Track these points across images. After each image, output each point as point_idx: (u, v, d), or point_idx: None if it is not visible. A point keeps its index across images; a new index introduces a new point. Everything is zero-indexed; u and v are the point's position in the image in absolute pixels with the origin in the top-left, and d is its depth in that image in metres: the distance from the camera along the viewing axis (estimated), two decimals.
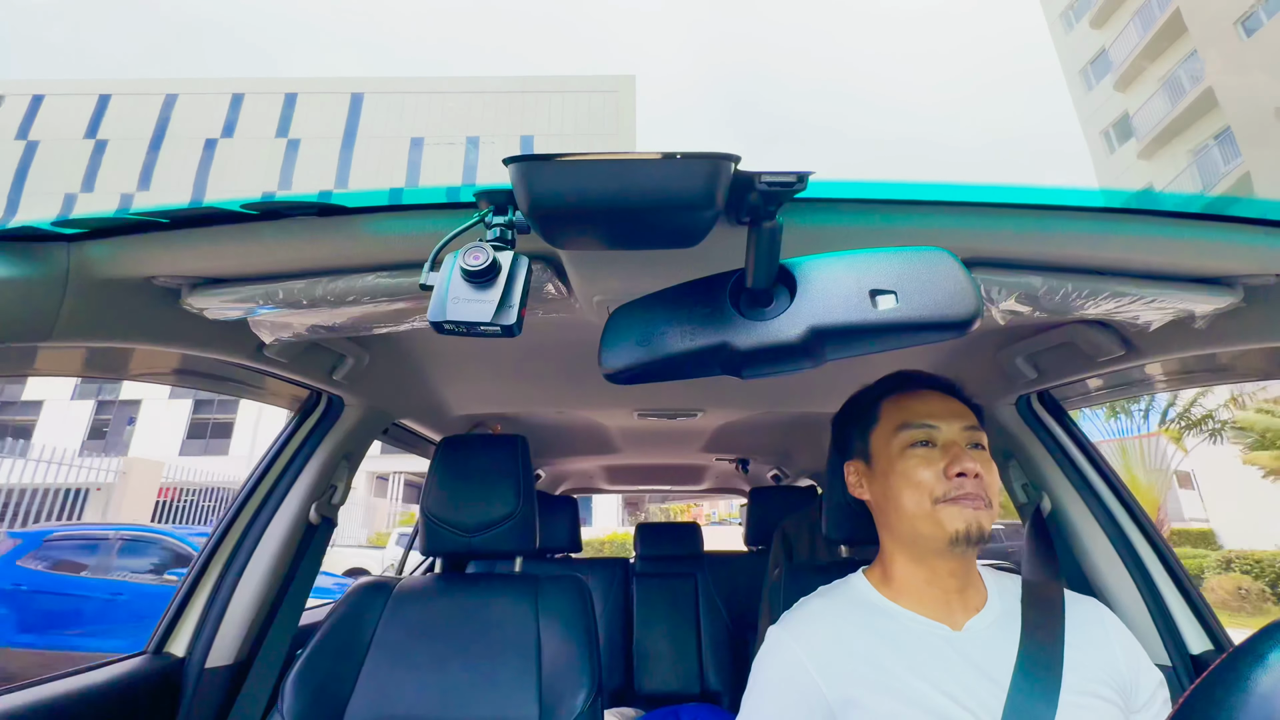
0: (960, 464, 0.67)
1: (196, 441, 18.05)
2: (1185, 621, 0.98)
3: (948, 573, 0.69)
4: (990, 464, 0.69)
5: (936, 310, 0.44)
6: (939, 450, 0.70)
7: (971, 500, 0.66)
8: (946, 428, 0.71)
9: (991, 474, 0.69)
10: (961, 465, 0.67)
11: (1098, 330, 0.85)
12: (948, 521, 0.66)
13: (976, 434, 0.71)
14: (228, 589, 1.06)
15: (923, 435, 0.71)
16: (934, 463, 0.69)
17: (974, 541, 0.65)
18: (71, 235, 0.58)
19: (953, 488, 0.67)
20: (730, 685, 2.03)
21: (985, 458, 0.70)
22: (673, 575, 2.27)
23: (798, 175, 0.40)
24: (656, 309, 0.51)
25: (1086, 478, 1.10)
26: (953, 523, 0.65)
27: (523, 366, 1.28)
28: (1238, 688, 0.25)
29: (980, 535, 0.65)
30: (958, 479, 0.67)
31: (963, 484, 0.66)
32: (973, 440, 0.71)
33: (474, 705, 0.90)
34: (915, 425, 0.72)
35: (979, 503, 0.66)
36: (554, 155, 0.39)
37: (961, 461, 0.67)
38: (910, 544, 0.71)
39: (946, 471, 0.67)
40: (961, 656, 0.64)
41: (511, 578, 1.06)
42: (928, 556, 0.69)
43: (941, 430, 0.71)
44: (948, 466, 0.67)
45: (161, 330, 0.73)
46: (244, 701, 1.05)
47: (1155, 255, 0.62)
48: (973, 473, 0.66)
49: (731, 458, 2.68)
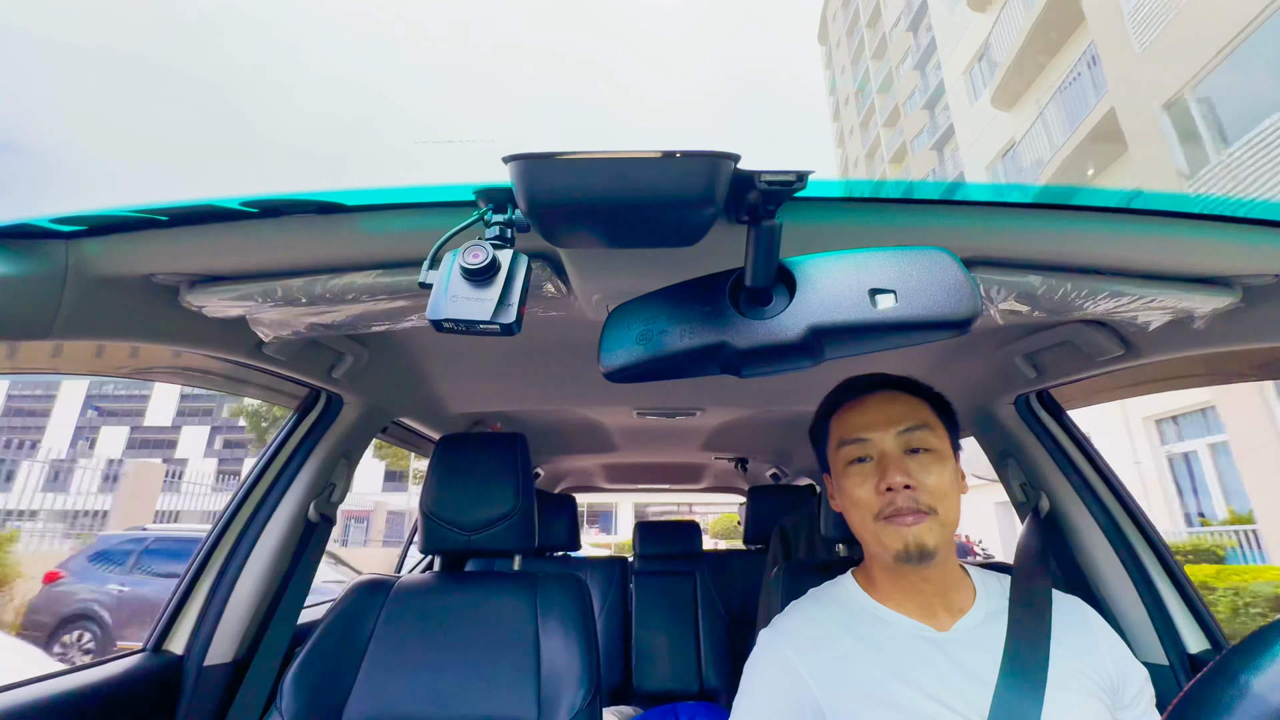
0: (887, 478, 0.67)
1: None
2: (1183, 621, 0.98)
3: (920, 579, 0.69)
4: (932, 464, 0.68)
5: (936, 309, 0.44)
6: (873, 464, 0.70)
7: (904, 517, 0.65)
8: (879, 438, 0.70)
9: (931, 475, 0.67)
10: (889, 479, 0.66)
11: (1097, 330, 0.85)
12: (888, 541, 0.66)
13: (914, 436, 0.70)
14: (226, 587, 1.06)
15: (858, 451, 0.71)
16: (868, 478, 0.69)
17: (919, 558, 0.65)
18: (70, 232, 0.58)
19: (885, 504, 0.67)
20: (728, 684, 2.03)
21: (925, 460, 0.68)
22: (671, 574, 2.27)
23: (797, 174, 0.40)
24: (656, 307, 0.51)
25: (1085, 477, 1.10)
26: (892, 543, 0.66)
27: (522, 365, 1.28)
28: (1234, 687, 0.25)
29: (921, 550, 0.65)
30: (887, 494, 0.67)
31: (893, 499, 0.66)
32: (908, 445, 0.69)
33: (472, 703, 0.90)
34: (850, 441, 0.72)
35: (913, 516, 0.65)
36: (553, 153, 0.39)
37: (890, 473, 0.67)
38: (874, 556, 0.72)
39: (878, 487, 0.67)
40: (948, 658, 0.65)
41: (510, 576, 1.06)
42: (894, 566, 0.69)
43: (874, 442, 0.70)
44: (879, 483, 0.68)
45: (160, 328, 0.73)
46: (243, 699, 1.05)
47: (1154, 255, 0.62)
48: (900, 485, 0.66)
49: (730, 456, 2.69)
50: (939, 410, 0.75)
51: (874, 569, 0.74)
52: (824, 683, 0.65)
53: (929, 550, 0.65)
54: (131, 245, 0.60)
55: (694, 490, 3.72)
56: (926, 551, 0.65)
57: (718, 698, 2.02)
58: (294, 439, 1.18)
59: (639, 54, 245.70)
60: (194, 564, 1.09)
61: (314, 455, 1.18)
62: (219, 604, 1.05)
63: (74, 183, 52.43)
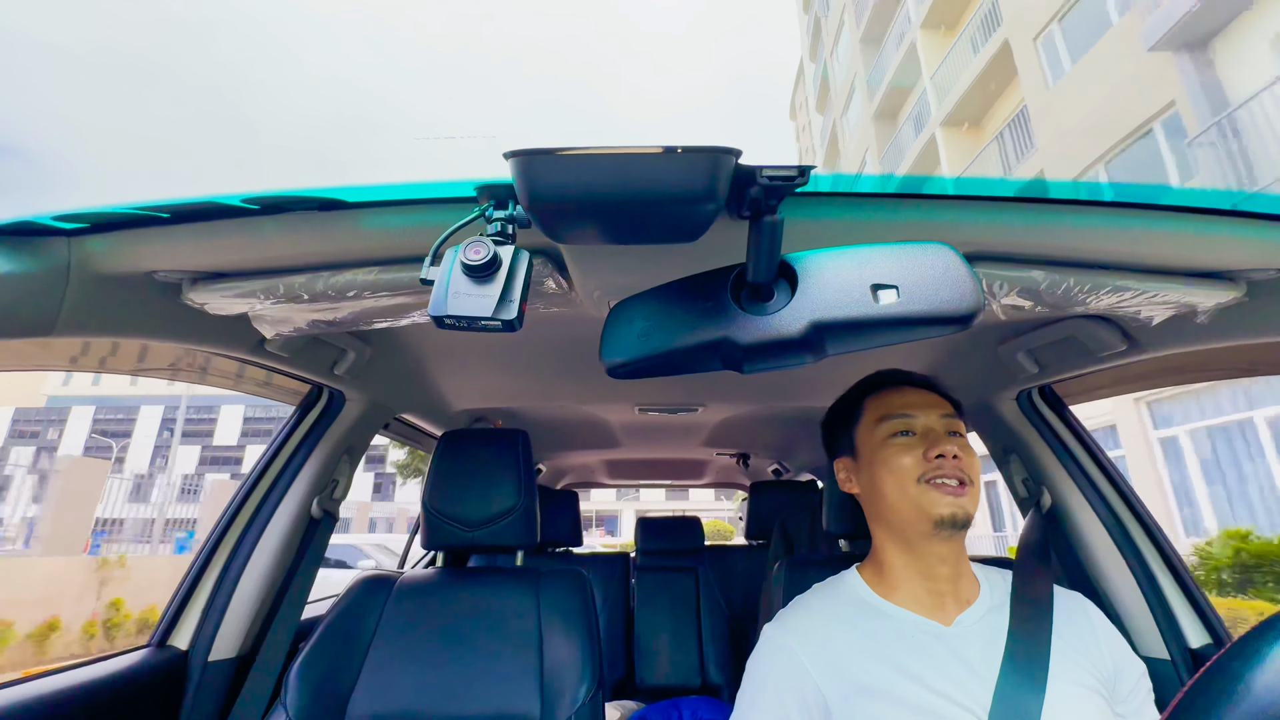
0: (939, 446, 0.70)
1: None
2: (1185, 616, 0.98)
3: (938, 560, 0.70)
4: (968, 448, 0.73)
5: (938, 305, 0.44)
6: (918, 438, 0.73)
7: (951, 484, 0.69)
8: (924, 417, 0.74)
9: (970, 456, 0.71)
10: (940, 447, 0.70)
11: (1099, 325, 0.85)
12: (930, 506, 0.68)
13: (953, 422, 0.75)
14: (231, 583, 1.07)
15: (902, 425, 0.74)
16: (914, 449, 0.72)
17: (959, 525, 0.68)
18: (72, 230, 0.58)
19: (932, 468, 0.69)
20: (730, 678, 2.04)
21: (963, 443, 0.73)
22: (673, 569, 2.27)
23: (799, 169, 0.40)
24: (657, 303, 0.51)
25: (1087, 473, 1.10)
26: (936, 508, 0.68)
27: (524, 361, 1.28)
28: (1237, 682, 0.25)
29: (966, 519, 0.68)
30: (937, 460, 0.70)
31: (942, 464, 0.69)
32: (950, 428, 0.74)
33: (476, 698, 0.91)
34: (895, 416, 0.75)
35: (959, 487, 0.69)
36: (555, 149, 0.39)
37: (940, 444, 0.70)
38: (899, 533, 0.72)
39: (926, 454, 0.70)
40: (952, 652, 0.65)
41: (513, 572, 1.07)
42: (917, 543, 0.71)
43: (919, 419, 0.74)
44: (927, 450, 0.71)
45: (163, 325, 0.73)
46: (247, 695, 1.05)
47: (1157, 249, 0.61)
48: (950, 454, 0.69)
49: (732, 452, 2.69)
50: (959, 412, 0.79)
51: (889, 553, 0.74)
52: (828, 677, 0.66)
53: (968, 519, 0.68)
54: (134, 242, 0.60)
55: (696, 486, 3.73)
56: (967, 519, 0.68)
57: (719, 692, 2.03)
58: (296, 436, 1.18)
59: (639, 53, 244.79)
60: (198, 560, 1.09)
61: (317, 452, 1.18)
62: (223, 600, 1.06)
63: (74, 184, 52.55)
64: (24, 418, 35.40)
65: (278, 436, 1.18)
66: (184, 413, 15.69)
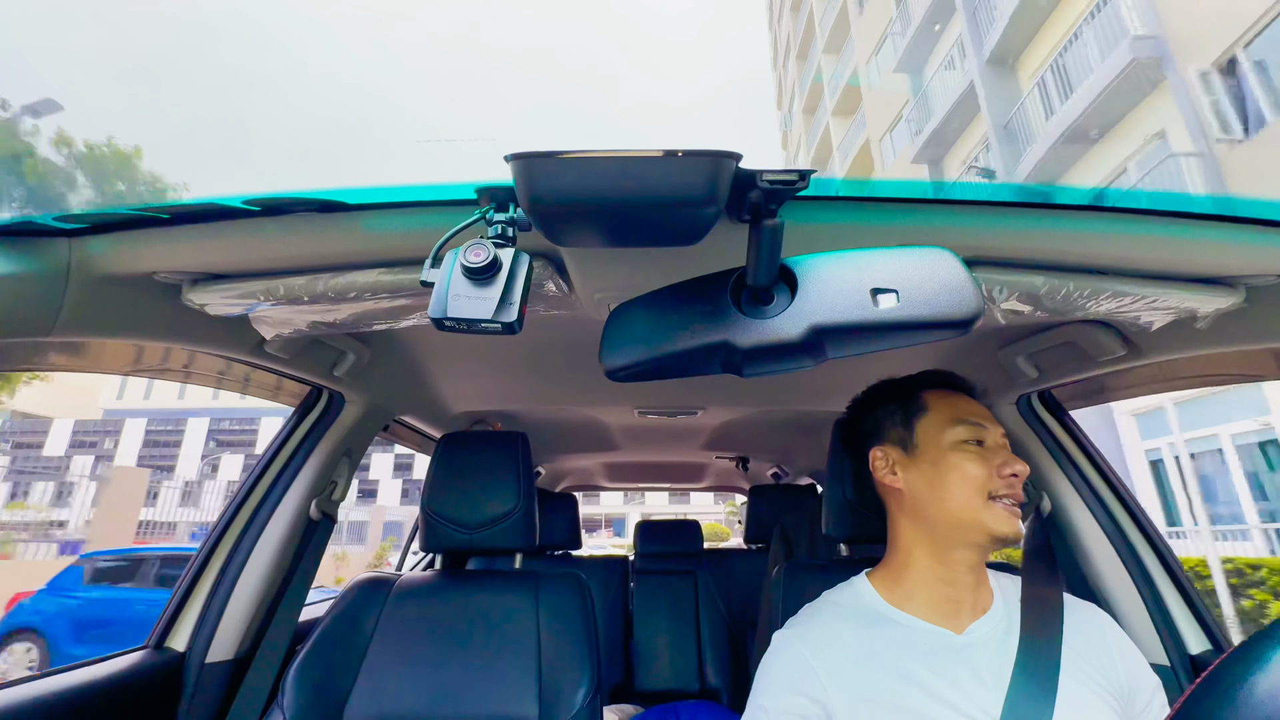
0: (1013, 465, 0.70)
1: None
2: (1184, 622, 0.98)
3: (966, 568, 0.70)
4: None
5: (938, 309, 0.44)
6: (989, 450, 0.73)
7: (1013, 504, 0.70)
8: (994, 431, 0.75)
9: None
10: (1014, 466, 0.70)
11: (1099, 330, 0.85)
12: (994, 522, 0.68)
13: (1007, 440, 0.76)
14: (228, 584, 1.07)
15: (977, 434, 0.73)
16: (987, 461, 0.71)
17: (1009, 543, 0.69)
18: (72, 230, 0.58)
19: (1003, 485, 0.69)
20: (729, 682, 2.03)
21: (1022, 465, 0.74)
22: (672, 573, 2.27)
23: (799, 173, 0.40)
24: (657, 307, 0.51)
25: (1087, 478, 1.10)
26: (1000, 526, 0.68)
27: (523, 364, 1.28)
28: (1236, 689, 0.25)
29: (1018, 539, 0.69)
30: (1010, 478, 0.70)
31: (1013, 483, 0.70)
32: (1007, 445, 0.75)
33: (474, 702, 0.90)
34: (970, 422, 0.74)
35: (1017, 507, 0.70)
36: (555, 152, 0.39)
37: (1013, 464, 0.70)
38: (942, 537, 0.71)
39: (1000, 470, 0.70)
40: (962, 662, 0.65)
41: (511, 575, 1.06)
42: (954, 550, 0.70)
43: (991, 432, 0.74)
44: (1001, 466, 0.70)
45: (162, 326, 0.73)
46: (244, 697, 1.05)
47: (1157, 254, 0.62)
48: (1023, 474, 0.70)
49: (731, 455, 2.68)
50: None
51: (915, 556, 0.73)
52: (836, 684, 0.65)
53: (1020, 540, 0.71)
54: (134, 243, 0.60)
55: (695, 489, 3.72)
56: (1019, 541, 0.71)
57: (718, 696, 2.02)
58: (295, 437, 1.18)
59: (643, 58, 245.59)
60: (196, 561, 1.09)
61: (315, 453, 1.18)
62: (221, 601, 1.05)
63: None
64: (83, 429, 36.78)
65: (277, 438, 1.18)
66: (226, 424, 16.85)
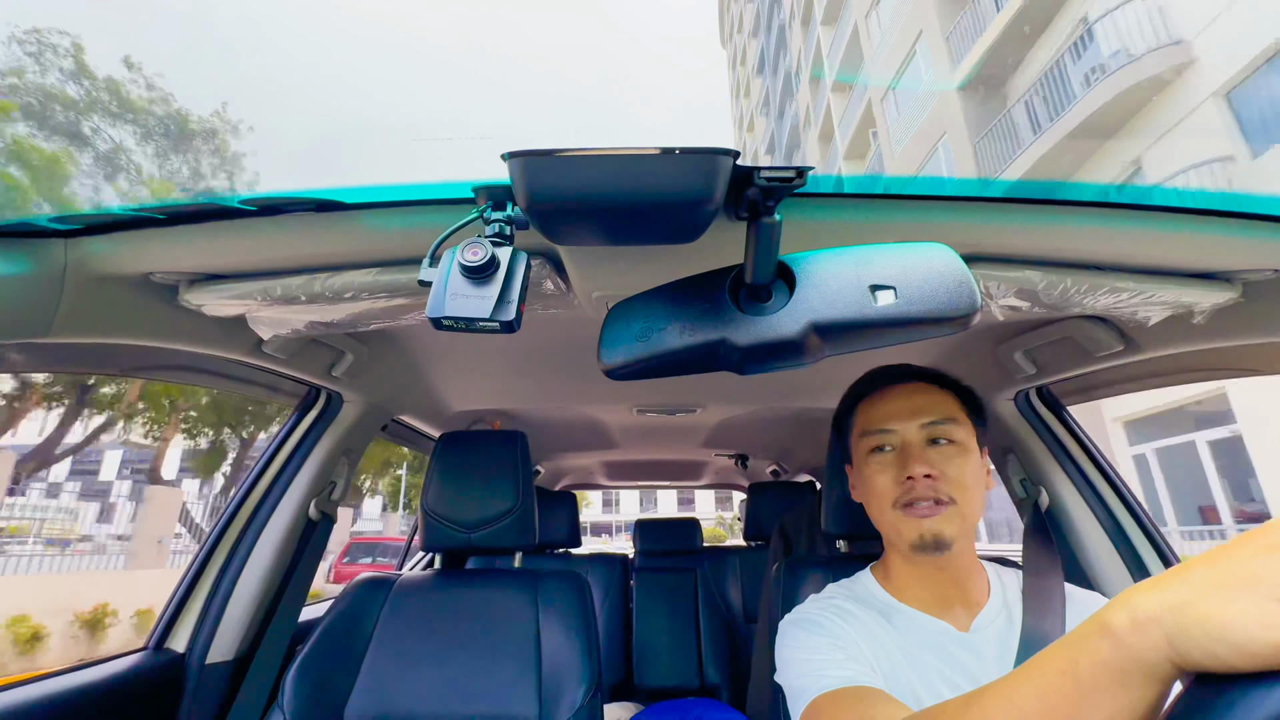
0: (909, 467, 0.67)
1: None
2: None
3: (936, 568, 0.69)
4: (954, 455, 0.68)
5: (936, 305, 0.44)
6: (895, 454, 0.70)
7: (924, 505, 0.66)
8: (903, 429, 0.70)
9: (953, 465, 0.67)
10: (909, 469, 0.67)
11: (1096, 325, 0.85)
12: (904, 530, 0.67)
13: (939, 428, 0.70)
14: (228, 585, 1.07)
15: (878, 441, 0.71)
16: (888, 468, 0.69)
17: (934, 548, 0.65)
18: (69, 231, 0.57)
19: (904, 492, 0.67)
20: (729, 680, 2.04)
21: (947, 451, 0.69)
22: (672, 570, 2.27)
23: (797, 170, 0.40)
24: (655, 304, 0.51)
25: (1084, 473, 1.10)
26: (908, 533, 0.66)
27: (522, 362, 1.28)
28: (1233, 686, 0.25)
29: (937, 540, 0.65)
30: (907, 482, 0.67)
31: (912, 486, 0.67)
32: (931, 436, 0.69)
33: (474, 700, 0.90)
34: (873, 431, 0.72)
35: (934, 507, 0.66)
36: (552, 150, 0.39)
37: (909, 465, 0.67)
38: (891, 544, 0.72)
39: (898, 477, 0.68)
40: (967, 653, 0.65)
41: (511, 573, 1.06)
42: (910, 555, 0.69)
43: (896, 433, 0.71)
44: (899, 471, 0.68)
45: (160, 327, 0.72)
46: (244, 697, 1.05)
47: (1154, 250, 0.62)
48: (920, 475, 0.66)
49: (730, 453, 2.69)
50: (966, 404, 0.74)
51: (891, 560, 0.74)
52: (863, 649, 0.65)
53: (945, 541, 0.65)
54: (130, 244, 0.60)
55: (694, 487, 3.73)
56: (943, 541, 0.65)
57: (718, 693, 2.03)
58: (294, 437, 1.17)
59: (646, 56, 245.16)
60: (195, 562, 1.09)
61: (314, 454, 1.18)
62: (220, 602, 1.05)
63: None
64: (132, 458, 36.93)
65: (276, 438, 1.18)
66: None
